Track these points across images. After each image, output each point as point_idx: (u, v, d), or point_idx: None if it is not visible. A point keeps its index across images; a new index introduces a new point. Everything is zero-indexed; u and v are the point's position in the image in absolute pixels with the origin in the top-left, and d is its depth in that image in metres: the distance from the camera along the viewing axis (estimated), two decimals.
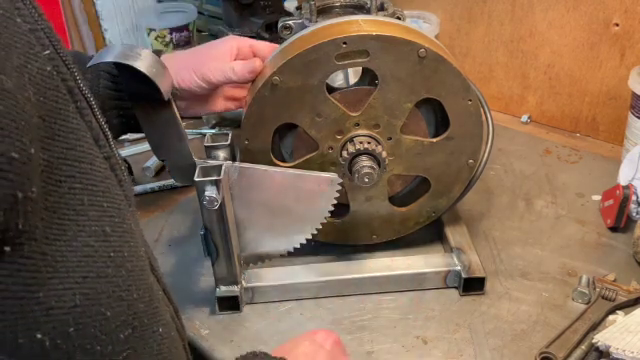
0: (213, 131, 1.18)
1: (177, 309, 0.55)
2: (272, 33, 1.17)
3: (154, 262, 0.51)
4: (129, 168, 1.06)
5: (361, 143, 0.77)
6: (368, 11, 0.83)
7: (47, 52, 0.39)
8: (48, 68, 0.39)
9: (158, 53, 0.80)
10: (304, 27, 0.81)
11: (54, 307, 0.36)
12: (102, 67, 0.77)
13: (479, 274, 0.79)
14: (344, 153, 0.78)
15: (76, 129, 0.40)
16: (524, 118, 1.22)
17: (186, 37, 1.37)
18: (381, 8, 0.83)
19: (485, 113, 0.81)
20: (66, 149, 0.39)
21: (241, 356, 0.56)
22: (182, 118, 0.75)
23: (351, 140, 0.78)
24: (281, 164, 0.80)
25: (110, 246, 0.41)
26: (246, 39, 0.85)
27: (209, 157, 0.77)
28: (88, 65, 0.67)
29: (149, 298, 0.45)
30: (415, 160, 0.80)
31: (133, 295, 0.43)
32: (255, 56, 0.82)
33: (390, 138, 0.78)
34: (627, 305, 0.76)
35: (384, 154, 0.78)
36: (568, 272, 0.83)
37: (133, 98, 0.70)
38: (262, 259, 0.80)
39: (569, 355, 0.70)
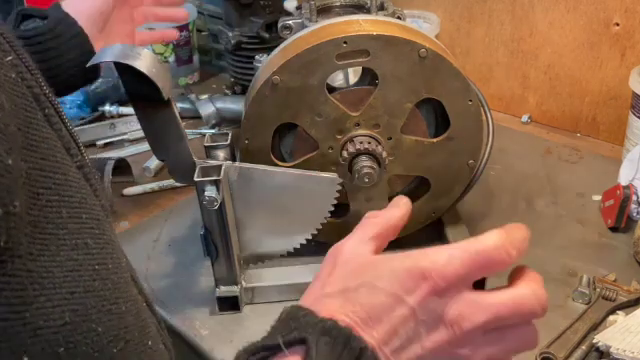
0: (213, 131, 1.18)
1: (160, 320, 0.53)
2: (272, 33, 1.17)
3: (134, 273, 0.49)
4: (129, 168, 1.06)
5: (361, 143, 0.77)
6: (368, 11, 0.83)
7: (9, 58, 0.37)
8: (13, 75, 0.36)
9: None
10: (304, 27, 0.81)
11: (42, 327, 0.34)
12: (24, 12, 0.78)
13: None
14: (344, 153, 0.78)
15: (47, 138, 0.38)
16: (524, 118, 1.22)
17: (186, 37, 1.37)
18: (381, 8, 0.83)
19: (485, 113, 0.81)
20: (41, 159, 0.36)
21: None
22: (182, 118, 0.75)
23: (351, 140, 0.78)
24: (281, 164, 0.80)
25: (94, 259, 0.39)
26: None
27: (209, 157, 0.77)
28: (87, 65, 0.67)
29: (136, 310, 0.43)
30: (415, 160, 0.80)
31: (122, 308, 0.41)
32: None
33: (390, 138, 0.78)
34: (627, 305, 0.76)
35: (384, 154, 0.77)
36: (568, 272, 0.83)
37: (133, 98, 0.69)
38: (262, 259, 0.80)
39: (569, 355, 0.69)
